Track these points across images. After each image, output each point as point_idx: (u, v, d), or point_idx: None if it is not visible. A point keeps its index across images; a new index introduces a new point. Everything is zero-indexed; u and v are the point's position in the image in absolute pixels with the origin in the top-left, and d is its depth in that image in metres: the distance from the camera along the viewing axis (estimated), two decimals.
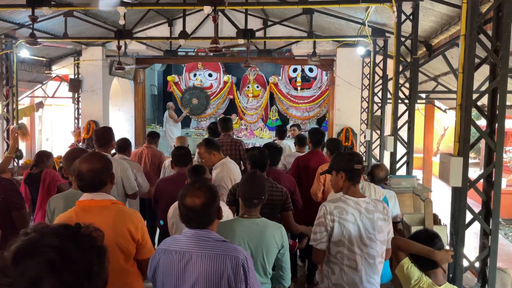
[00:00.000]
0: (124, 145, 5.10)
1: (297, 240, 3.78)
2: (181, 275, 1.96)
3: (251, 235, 2.44)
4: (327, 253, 2.67)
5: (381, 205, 2.69)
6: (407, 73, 5.87)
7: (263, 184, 2.62)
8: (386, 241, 2.68)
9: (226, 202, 3.39)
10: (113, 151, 4.80)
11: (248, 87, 13.41)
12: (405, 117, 5.74)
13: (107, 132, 4.18)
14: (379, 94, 7.75)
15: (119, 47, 7.40)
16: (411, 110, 5.61)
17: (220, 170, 4.07)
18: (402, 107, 5.83)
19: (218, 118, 13.21)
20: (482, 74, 3.30)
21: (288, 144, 7.06)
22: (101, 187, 2.38)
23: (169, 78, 13.53)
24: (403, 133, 5.79)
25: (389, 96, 6.67)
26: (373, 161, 7.85)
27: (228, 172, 4.02)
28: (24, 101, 10.41)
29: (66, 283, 0.98)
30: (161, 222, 3.85)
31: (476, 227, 3.12)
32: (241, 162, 5.39)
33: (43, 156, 5.04)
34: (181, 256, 1.97)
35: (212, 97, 13.47)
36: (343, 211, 2.61)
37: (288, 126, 9.31)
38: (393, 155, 5.83)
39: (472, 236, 3.62)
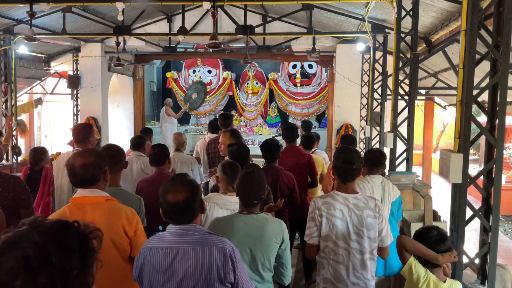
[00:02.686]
0: (139, 142, 5.08)
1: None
2: (169, 270, 1.95)
3: (250, 231, 2.42)
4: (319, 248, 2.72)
5: (373, 203, 2.70)
6: (407, 69, 5.85)
7: (262, 184, 2.60)
8: (379, 239, 2.70)
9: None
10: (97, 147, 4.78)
11: (247, 83, 13.38)
12: (405, 113, 5.72)
13: (85, 127, 4.11)
14: (379, 91, 7.73)
15: (117, 43, 7.37)
16: (410, 107, 5.59)
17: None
18: (401, 104, 5.82)
19: (217, 114, 13.29)
20: (482, 70, 3.29)
21: None
22: (94, 183, 2.35)
23: (168, 74, 13.50)
24: (403, 129, 5.78)
25: (388, 92, 6.66)
26: None
27: None
28: (22, 98, 10.38)
29: (37, 283, 0.95)
30: (160, 228, 3.80)
31: (476, 223, 3.11)
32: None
33: (41, 153, 5.02)
34: (167, 251, 1.96)
35: (211, 94, 13.44)
36: (330, 206, 2.66)
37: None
38: (392, 151, 5.82)
39: (472, 232, 3.62)
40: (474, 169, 10.43)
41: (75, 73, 9.62)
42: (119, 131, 11.25)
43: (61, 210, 2.35)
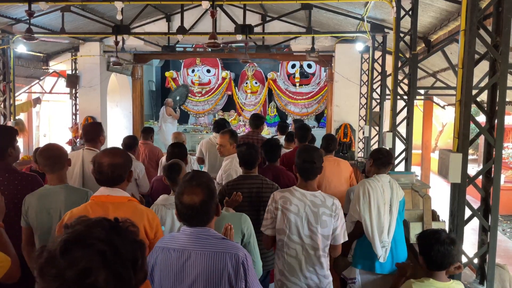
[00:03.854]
0: (132, 143, 5.10)
1: None
2: (180, 273, 1.93)
3: None
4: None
5: (331, 201, 2.77)
6: (406, 69, 5.85)
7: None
8: (332, 237, 2.76)
9: None
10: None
11: (246, 83, 13.38)
12: (404, 113, 5.72)
13: (95, 127, 4.16)
14: (378, 90, 7.73)
15: (116, 43, 7.35)
16: (409, 106, 5.59)
17: (229, 162, 4.21)
18: (400, 103, 5.82)
19: (216, 114, 13.29)
20: (481, 70, 3.29)
21: None
22: (119, 183, 2.36)
23: (167, 74, 13.49)
24: (402, 129, 5.77)
25: (387, 92, 6.65)
26: None
27: (235, 166, 4.06)
28: (21, 97, 10.36)
29: (117, 275, 0.97)
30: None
31: (474, 223, 3.11)
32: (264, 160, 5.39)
33: None
34: (179, 254, 1.93)
35: (210, 93, 13.44)
36: (287, 201, 2.75)
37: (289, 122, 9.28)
38: (391, 151, 5.82)
39: (471, 232, 3.62)
40: (473, 169, 10.44)
41: (73, 72, 9.60)
42: (117, 131, 11.24)
43: (81, 207, 2.34)
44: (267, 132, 12.49)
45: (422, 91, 9.36)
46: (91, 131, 4.04)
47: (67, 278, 0.93)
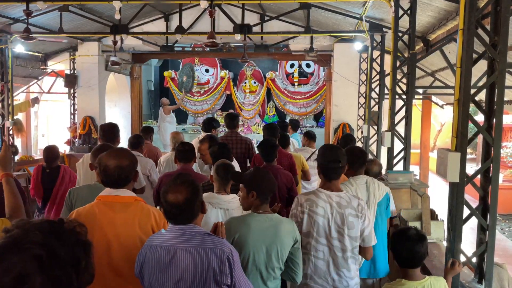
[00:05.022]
0: (137, 142, 5.10)
1: None
2: (167, 269, 1.96)
3: (266, 230, 2.42)
4: None
5: (356, 202, 2.72)
6: (405, 69, 5.85)
7: (273, 180, 2.61)
8: (360, 238, 2.72)
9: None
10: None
11: (245, 82, 13.37)
12: (402, 112, 5.73)
13: (114, 127, 4.19)
14: (377, 90, 7.73)
15: (115, 42, 7.34)
16: (408, 106, 5.59)
17: None
18: (399, 103, 5.82)
19: (215, 114, 13.29)
20: (479, 69, 3.28)
21: (295, 139, 6.95)
22: (126, 184, 2.37)
23: (165, 73, 13.47)
24: (400, 128, 5.78)
25: (386, 91, 6.65)
26: (370, 157, 7.84)
27: None
28: (19, 97, 10.34)
29: (55, 279, 0.95)
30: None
31: (473, 222, 3.11)
32: (248, 160, 5.35)
33: (56, 152, 5.04)
34: (166, 250, 1.97)
35: (209, 93, 13.43)
36: (313, 203, 2.68)
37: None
38: (390, 150, 5.82)
39: (469, 231, 3.62)
40: (471, 168, 10.46)
41: (72, 72, 9.59)
42: None
43: (88, 207, 2.34)
44: None
45: (420, 91, 9.36)
46: (112, 131, 4.05)
47: (3, 285, 0.91)
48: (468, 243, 3.90)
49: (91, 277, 1.07)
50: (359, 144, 9.08)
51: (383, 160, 5.87)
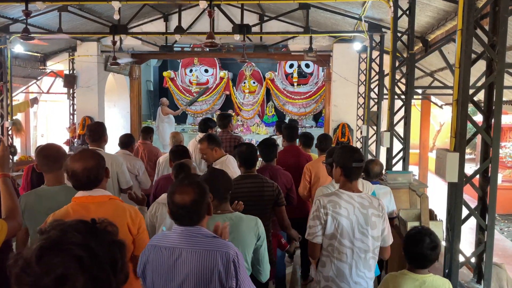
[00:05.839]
0: (127, 141, 5.11)
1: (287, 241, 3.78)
2: (171, 271, 1.94)
3: None
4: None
5: (377, 202, 2.71)
6: (404, 69, 5.86)
7: (229, 179, 2.62)
8: (381, 238, 2.70)
9: None
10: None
11: (244, 83, 13.37)
12: (402, 112, 5.74)
13: (100, 127, 4.16)
14: (376, 90, 7.73)
15: (114, 43, 7.34)
16: (407, 106, 5.60)
17: (219, 167, 4.06)
18: (398, 103, 5.82)
19: (214, 114, 13.28)
20: (478, 69, 3.29)
21: None
22: (97, 184, 2.35)
23: (165, 73, 13.47)
24: (400, 128, 5.79)
25: (385, 91, 6.66)
26: (369, 157, 7.84)
27: (227, 170, 4.00)
28: (18, 97, 10.34)
29: (96, 280, 0.96)
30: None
31: (472, 222, 3.12)
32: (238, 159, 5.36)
33: None
34: (170, 252, 1.95)
35: (208, 93, 13.43)
36: (336, 204, 2.65)
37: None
38: (389, 150, 5.83)
39: (468, 231, 3.63)
40: (470, 168, 10.47)
41: (71, 72, 9.58)
42: (115, 130, 11.21)
43: (63, 210, 2.33)
44: (265, 132, 12.50)
45: (419, 91, 9.38)
46: (97, 130, 4.02)
47: (44, 286, 0.91)
48: (467, 243, 3.91)
49: (126, 277, 1.07)
50: (358, 144, 9.10)
51: (382, 160, 5.88)
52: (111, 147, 6.02)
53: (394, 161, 5.89)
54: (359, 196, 2.69)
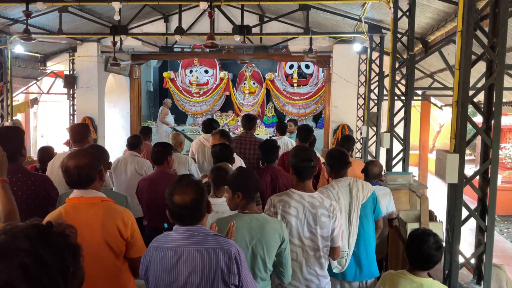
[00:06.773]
0: (135, 142, 5.13)
1: None
2: (174, 270, 1.96)
3: (252, 230, 2.42)
4: None
5: (328, 202, 2.77)
6: (404, 70, 5.87)
7: (257, 178, 2.62)
8: (330, 238, 2.76)
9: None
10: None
11: (244, 83, 13.38)
12: (401, 113, 5.74)
13: (83, 128, 4.15)
14: (376, 91, 7.74)
15: (114, 43, 7.34)
16: (407, 107, 5.61)
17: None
18: (398, 104, 5.83)
19: (214, 115, 13.29)
20: (478, 71, 3.29)
21: (289, 141, 6.94)
22: (89, 184, 2.35)
23: (165, 74, 13.48)
24: (399, 129, 5.79)
25: (385, 92, 6.67)
26: (369, 158, 7.85)
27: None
28: (18, 98, 10.33)
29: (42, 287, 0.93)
30: (165, 225, 3.81)
31: (471, 223, 3.12)
32: (260, 161, 5.35)
33: (51, 153, 5.02)
34: (173, 252, 1.97)
35: (208, 94, 13.44)
36: (286, 204, 2.72)
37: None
38: (389, 151, 5.84)
39: (468, 232, 3.63)
40: (470, 169, 10.47)
41: (71, 72, 9.58)
42: (115, 131, 11.22)
43: (57, 211, 2.35)
44: (265, 132, 12.49)
45: (419, 92, 9.39)
46: (78, 132, 4.00)
47: None
48: (467, 244, 3.91)
49: (81, 282, 1.04)
50: (358, 145, 9.10)
51: (382, 161, 5.88)
52: (112, 147, 6.04)
53: (394, 162, 5.90)
54: (310, 196, 2.74)
